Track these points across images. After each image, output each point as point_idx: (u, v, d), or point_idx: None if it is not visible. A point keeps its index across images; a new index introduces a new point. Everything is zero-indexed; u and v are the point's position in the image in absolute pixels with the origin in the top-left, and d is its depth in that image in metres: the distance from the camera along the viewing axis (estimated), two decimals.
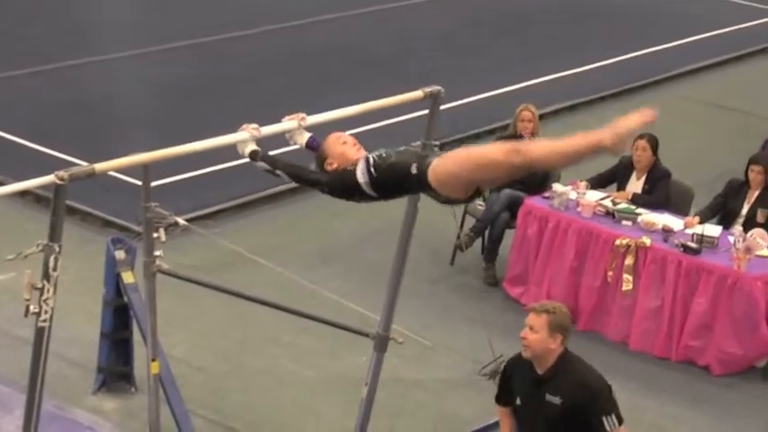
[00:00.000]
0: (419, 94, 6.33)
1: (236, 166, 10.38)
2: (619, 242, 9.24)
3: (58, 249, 5.02)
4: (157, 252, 6.71)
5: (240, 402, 8.24)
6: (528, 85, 15.03)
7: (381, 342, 6.96)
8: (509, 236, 10.08)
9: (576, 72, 15.92)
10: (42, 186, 5.09)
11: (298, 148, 5.79)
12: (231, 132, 5.62)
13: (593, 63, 16.34)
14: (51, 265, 5.02)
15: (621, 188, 10.12)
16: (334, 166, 5.44)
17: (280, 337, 9.02)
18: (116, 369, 8.21)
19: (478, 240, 10.33)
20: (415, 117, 10.58)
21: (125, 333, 8.12)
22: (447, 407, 8.41)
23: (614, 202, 9.74)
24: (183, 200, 10.53)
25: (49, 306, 5.06)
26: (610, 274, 9.31)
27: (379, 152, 5.37)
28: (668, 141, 10.72)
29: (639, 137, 10.08)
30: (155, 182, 6.68)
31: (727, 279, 8.91)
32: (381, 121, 11.91)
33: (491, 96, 14.62)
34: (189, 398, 7.70)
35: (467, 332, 9.17)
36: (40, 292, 5.04)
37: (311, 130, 5.76)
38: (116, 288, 7.94)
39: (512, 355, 6.38)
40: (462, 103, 13.76)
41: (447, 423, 8.19)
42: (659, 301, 9.16)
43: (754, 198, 9.76)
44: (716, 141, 13.98)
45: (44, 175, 5.03)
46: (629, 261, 9.21)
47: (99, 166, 5.11)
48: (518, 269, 9.85)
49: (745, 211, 9.76)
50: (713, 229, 9.36)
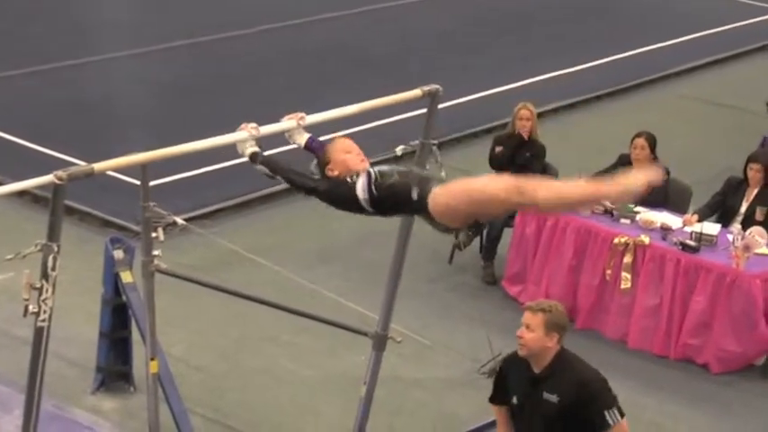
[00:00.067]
0: (417, 92, 6.32)
1: (234, 166, 10.36)
2: (617, 240, 9.24)
3: (56, 249, 5.02)
4: (156, 251, 6.71)
5: (239, 401, 8.24)
6: (526, 84, 15.03)
7: (380, 341, 6.96)
8: (507, 234, 10.08)
9: (574, 71, 15.92)
10: (41, 186, 5.09)
11: (297, 147, 5.79)
12: (230, 132, 5.61)
13: (591, 62, 16.33)
14: (50, 264, 5.01)
15: None
16: (335, 173, 5.40)
17: (278, 336, 9.03)
18: (115, 368, 8.22)
19: (477, 239, 10.34)
20: (413, 116, 10.58)
21: (124, 332, 8.13)
22: (446, 405, 8.41)
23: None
24: (182, 199, 10.53)
25: (48, 306, 5.06)
26: (608, 272, 9.31)
27: (382, 169, 5.31)
28: (666, 140, 10.73)
29: (638, 135, 10.09)
30: (153, 181, 6.70)
31: (726, 277, 8.91)
32: (380, 120, 11.91)
33: (489, 95, 14.61)
34: (188, 397, 7.70)
35: (465, 331, 9.18)
36: (39, 291, 5.03)
37: (310, 130, 5.74)
38: (115, 287, 7.94)
39: (507, 354, 6.39)
40: (461, 102, 13.76)
41: (446, 422, 8.19)
42: (658, 300, 9.16)
43: (752, 196, 9.76)
44: (714, 139, 13.97)
45: (42, 174, 5.02)
46: (627, 259, 9.21)
47: (97, 166, 5.10)
48: (516, 268, 9.86)
49: (743, 209, 9.76)
50: (712, 228, 9.36)
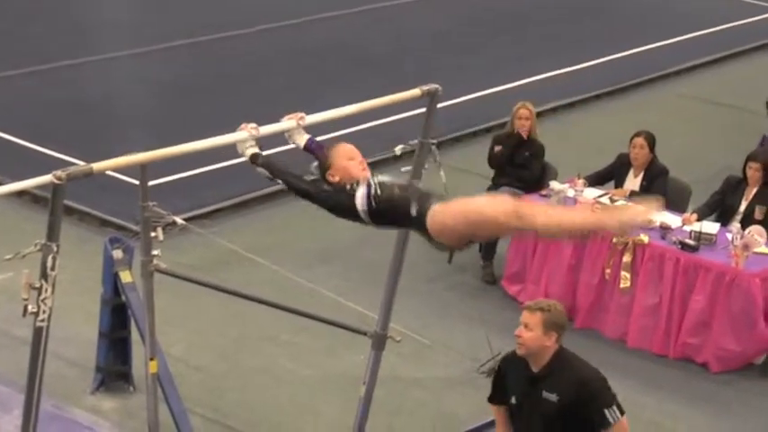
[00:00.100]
0: (417, 92, 6.33)
1: (233, 166, 10.36)
2: (616, 239, 9.24)
3: (55, 249, 5.02)
4: (155, 251, 6.71)
5: (238, 401, 8.24)
6: (525, 83, 15.03)
7: (379, 340, 6.96)
8: None
9: (573, 70, 15.91)
10: (40, 186, 5.09)
11: (296, 147, 5.79)
12: (229, 131, 5.61)
13: (589, 61, 16.33)
14: (49, 264, 5.02)
15: (619, 185, 10.13)
16: (335, 178, 5.38)
17: (278, 335, 9.03)
18: (114, 368, 8.22)
19: None
20: (412, 115, 10.57)
21: (123, 332, 8.13)
22: (445, 405, 8.40)
23: (612, 200, 9.74)
24: (181, 199, 10.53)
25: (48, 306, 5.06)
26: (607, 271, 9.31)
27: (382, 180, 5.30)
28: (665, 138, 10.73)
29: (637, 134, 10.10)
30: (152, 181, 6.70)
31: (725, 276, 8.91)
32: (378, 119, 11.91)
33: (488, 94, 14.61)
34: (187, 397, 7.70)
35: (465, 330, 9.17)
36: (38, 291, 5.03)
37: (310, 130, 5.75)
38: (114, 287, 7.94)
39: (505, 353, 6.38)
40: (460, 102, 13.76)
41: (445, 421, 8.18)
42: (657, 299, 9.16)
43: (751, 195, 9.75)
44: (713, 138, 13.97)
45: (42, 174, 5.03)
46: (626, 258, 9.21)
47: (97, 166, 5.10)
48: (516, 267, 9.85)
49: (743, 208, 9.75)
50: (711, 227, 9.36)
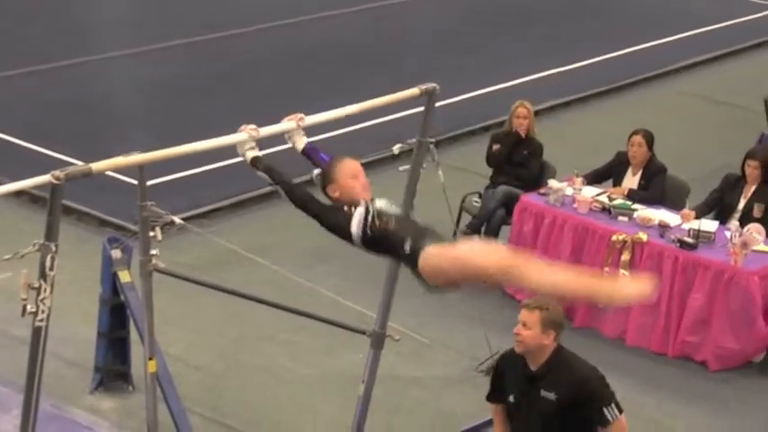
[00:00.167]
0: (415, 91, 6.33)
1: (231, 165, 10.35)
2: (615, 238, 9.24)
3: (54, 249, 5.02)
4: (153, 251, 6.72)
5: (237, 400, 8.23)
6: (523, 82, 15.02)
7: (378, 339, 6.96)
8: (505, 232, 10.08)
9: (571, 68, 15.91)
10: (39, 186, 5.08)
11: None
12: (228, 131, 5.61)
13: (588, 59, 16.33)
14: (48, 264, 5.01)
15: (617, 184, 10.12)
16: (336, 194, 5.40)
17: (276, 335, 9.02)
18: (113, 368, 8.21)
19: (475, 237, 10.33)
20: (410, 114, 10.57)
21: (122, 332, 8.13)
22: (444, 404, 8.40)
23: (610, 198, 9.74)
24: (179, 199, 10.53)
25: (46, 305, 5.06)
26: (606, 269, 9.29)
27: (381, 208, 5.29)
28: (664, 137, 10.73)
29: (635, 132, 10.09)
30: (151, 181, 6.70)
31: (724, 274, 8.91)
32: (377, 118, 11.91)
33: (486, 93, 14.61)
34: (186, 396, 7.70)
35: (463, 329, 9.17)
36: (37, 291, 5.03)
37: (309, 131, 5.75)
38: (112, 287, 7.94)
39: (504, 351, 6.38)
40: (458, 100, 13.76)
41: (444, 420, 8.18)
42: (655, 297, 9.14)
43: (750, 193, 9.75)
44: (711, 136, 13.97)
45: (40, 174, 5.02)
46: (625, 257, 9.21)
47: (95, 166, 5.09)
48: None
49: (741, 205, 9.75)
50: (710, 225, 9.36)
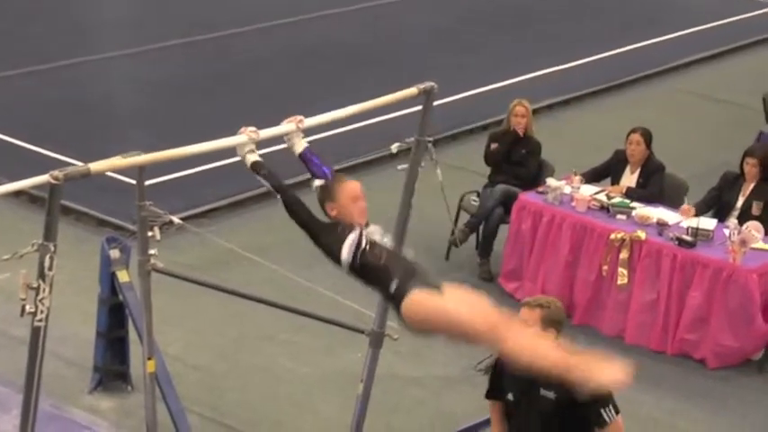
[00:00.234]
0: (413, 91, 6.33)
1: (230, 165, 10.36)
2: (613, 236, 9.25)
3: (53, 249, 5.01)
4: (152, 251, 6.72)
5: (236, 400, 8.24)
6: (521, 81, 15.02)
7: (377, 338, 6.95)
8: (503, 231, 10.08)
9: (570, 67, 15.91)
10: (37, 186, 5.08)
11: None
12: (228, 130, 5.61)
13: (586, 57, 16.32)
14: (47, 264, 5.01)
15: (616, 182, 10.12)
16: (333, 213, 5.44)
17: (276, 334, 9.02)
18: (112, 368, 8.22)
19: (473, 236, 10.34)
20: (408, 113, 10.57)
21: (121, 332, 8.14)
22: (443, 403, 8.40)
23: (609, 197, 9.74)
24: (178, 198, 10.52)
25: (45, 306, 5.06)
26: (605, 268, 9.31)
27: (374, 238, 5.36)
28: (662, 135, 10.73)
29: (633, 131, 10.09)
30: (149, 180, 6.69)
31: (723, 272, 8.91)
32: (375, 117, 11.89)
33: (484, 92, 14.61)
34: (185, 396, 7.70)
35: None
36: (36, 291, 5.03)
37: (308, 130, 5.76)
38: (111, 287, 7.94)
39: None
40: (456, 99, 13.75)
41: (443, 419, 8.18)
42: (654, 295, 9.16)
43: (749, 191, 9.75)
44: (710, 134, 13.97)
45: (39, 174, 5.02)
46: (623, 255, 9.21)
47: (94, 167, 5.09)
48: (513, 264, 9.85)
49: (740, 203, 9.75)
50: (708, 222, 9.37)
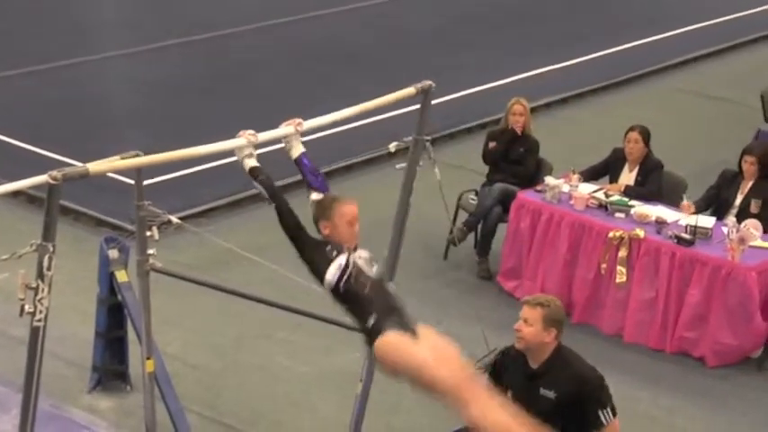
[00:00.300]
0: (411, 90, 6.34)
1: (228, 164, 10.34)
2: (612, 234, 9.25)
3: (51, 249, 5.02)
4: (151, 250, 6.72)
5: (235, 399, 8.24)
6: (519, 79, 15.01)
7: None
8: (502, 230, 10.09)
9: (568, 65, 15.92)
10: (36, 186, 5.08)
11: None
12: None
13: (584, 55, 16.33)
14: (45, 264, 5.01)
15: (614, 180, 10.12)
16: (326, 231, 5.50)
17: (274, 333, 9.02)
18: (111, 368, 8.22)
19: (471, 235, 10.34)
20: (406, 112, 10.56)
21: (119, 332, 8.14)
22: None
23: (607, 195, 9.74)
24: (176, 198, 10.52)
25: (44, 306, 5.06)
26: (603, 266, 9.31)
27: (361, 268, 5.39)
28: (660, 133, 10.73)
29: (631, 129, 10.09)
30: (147, 180, 6.70)
31: (721, 270, 8.91)
32: (373, 116, 11.85)
33: (482, 91, 14.61)
34: (184, 395, 7.70)
35: (461, 327, 9.10)
36: (35, 291, 5.03)
37: (307, 134, 5.77)
38: (110, 287, 7.94)
39: (503, 347, 6.37)
40: (454, 98, 13.75)
41: (443, 419, 8.15)
42: (653, 293, 9.16)
43: (747, 189, 9.75)
44: (708, 132, 13.97)
45: (37, 174, 5.03)
46: (622, 253, 9.21)
47: (92, 168, 5.10)
48: (511, 263, 9.85)
49: (738, 201, 9.75)
50: (707, 221, 9.37)
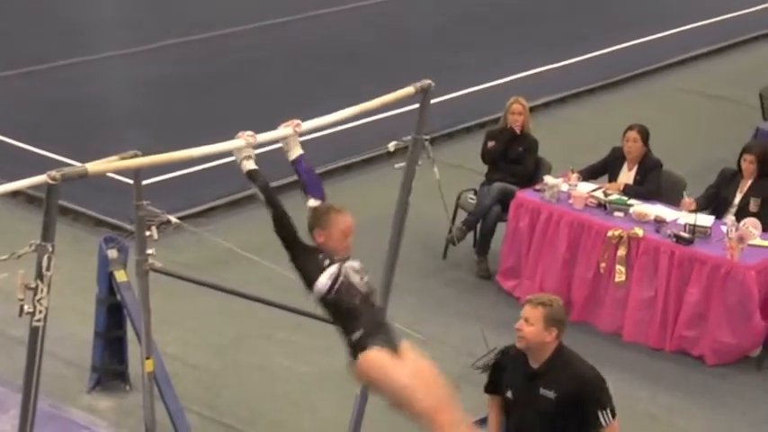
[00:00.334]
0: (410, 90, 6.34)
1: (227, 164, 10.32)
2: (611, 234, 9.24)
3: (51, 249, 5.02)
4: (150, 250, 6.72)
5: (235, 399, 8.24)
6: (518, 78, 15.00)
7: None
8: (501, 229, 10.09)
9: (567, 64, 15.91)
10: (35, 186, 5.08)
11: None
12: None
13: (583, 54, 16.32)
14: (44, 264, 5.01)
15: (613, 179, 10.12)
16: (320, 240, 5.56)
17: (274, 333, 9.02)
18: (110, 368, 8.22)
19: (470, 234, 10.33)
20: (405, 111, 10.56)
21: (119, 332, 8.13)
22: None
23: (606, 194, 9.74)
24: (175, 198, 10.50)
25: (43, 306, 5.06)
26: (602, 265, 9.30)
27: (352, 280, 5.43)
28: (659, 132, 10.73)
29: (630, 128, 10.08)
30: (146, 180, 6.69)
31: (721, 269, 8.91)
32: (371, 115, 11.83)
33: (481, 90, 14.60)
34: (183, 395, 7.69)
35: (460, 326, 9.17)
36: (34, 291, 5.03)
37: (305, 135, 5.78)
38: (109, 287, 7.94)
39: (504, 346, 6.37)
40: (453, 97, 13.75)
41: None
42: (652, 292, 9.16)
43: (746, 187, 9.75)
44: (707, 131, 13.97)
45: (36, 174, 5.03)
46: (621, 252, 9.21)
47: (91, 168, 5.09)
48: (510, 262, 9.85)
49: (737, 200, 9.75)
50: (706, 219, 9.37)
